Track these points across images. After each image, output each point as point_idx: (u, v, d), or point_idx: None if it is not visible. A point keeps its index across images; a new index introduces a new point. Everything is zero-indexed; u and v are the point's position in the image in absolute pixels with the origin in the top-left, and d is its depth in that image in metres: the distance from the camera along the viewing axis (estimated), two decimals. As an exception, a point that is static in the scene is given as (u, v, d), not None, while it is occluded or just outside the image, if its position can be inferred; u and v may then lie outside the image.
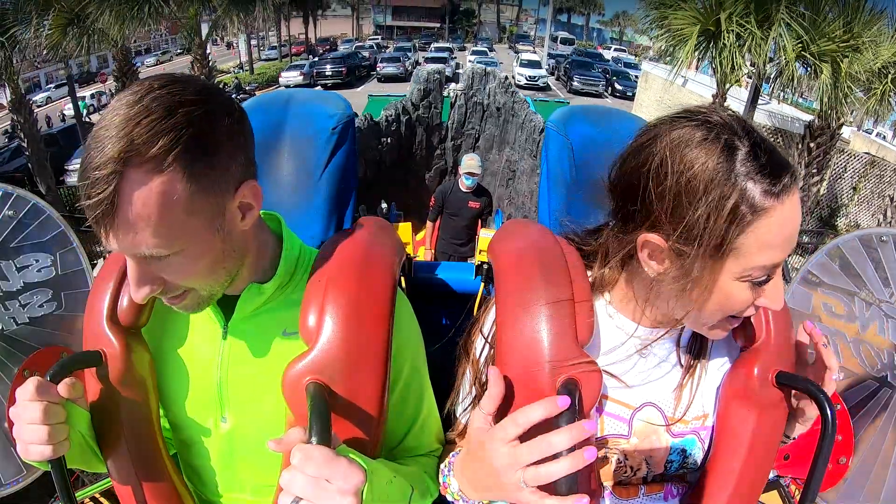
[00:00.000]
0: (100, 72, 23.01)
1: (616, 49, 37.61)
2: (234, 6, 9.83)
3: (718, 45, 6.21)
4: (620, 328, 0.65)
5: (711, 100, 7.28)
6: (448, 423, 0.77)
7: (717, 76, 6.70)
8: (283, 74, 21.23)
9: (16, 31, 6.81)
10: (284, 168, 0.87)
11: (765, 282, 0.54)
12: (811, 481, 0.59)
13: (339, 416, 0.59)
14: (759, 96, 7.53)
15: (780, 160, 0.52)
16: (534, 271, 0.62)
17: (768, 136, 0.53)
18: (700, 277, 0.54)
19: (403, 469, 0.66)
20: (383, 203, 5.03)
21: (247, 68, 23.50)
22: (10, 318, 1.02)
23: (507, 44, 42.48)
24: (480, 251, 3.27)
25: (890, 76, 5.82)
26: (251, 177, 0.59)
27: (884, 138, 12.08)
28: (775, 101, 7.87)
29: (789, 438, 0.69)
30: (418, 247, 4.13)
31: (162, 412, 0.71)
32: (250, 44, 24.45)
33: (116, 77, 8.85)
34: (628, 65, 26.55)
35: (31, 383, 0.57)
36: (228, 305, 0.66)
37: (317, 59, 24.65)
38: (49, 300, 1.05)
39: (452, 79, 16.59)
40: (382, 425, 0.63)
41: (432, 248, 3.97)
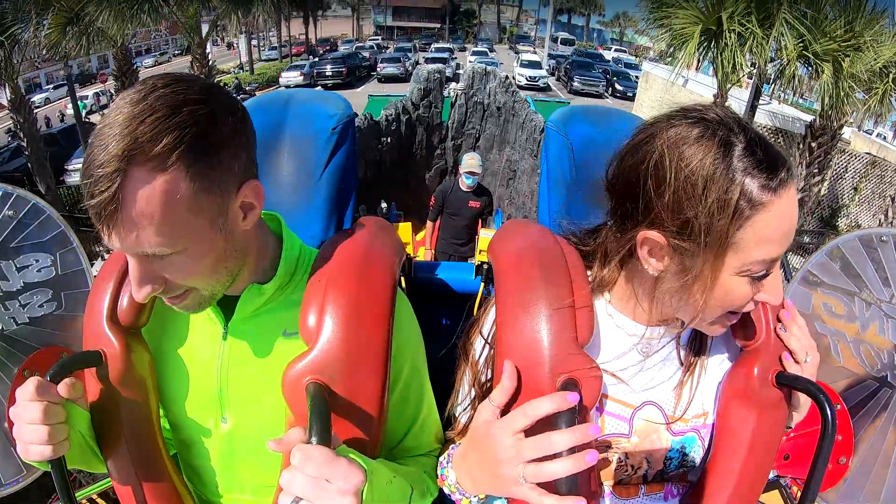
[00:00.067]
0: (100, 72, 23.02)
1: (616, 50, 37.63)
2: (234, 6, 9.83)
3: (720, 45, 6.19)
4: (620, 327, 0.66)
5: (712, 100, 7.28)
6: (448, 425, 0.77)
7: (718, 76, 6.68)
8: (284, 75, 21.25)
9: (15, 31, 6.80)
10: (284, 168, 0.87)
11: (764, 276, 0.55)
12: (811, 481, 0.59)
13: (339, 416, 0.59)
14: (760, 96, 7.52)
15: (775, 155, 0.52)
16: (534, 271, 0.62)
17: (769, 136, 0.53)
18: (700, 273, 0.54)
19: (403, 469, 0.66)
20: (383, 203, 5.02)
21: (247, 69, 23.49)
22: (10, 318, 1.02)
23: (507, 44, 42.45)
24: (480, 251, 3.27)
25: (891, 76, 5.81)
26: (253, 176, 0.59)
27: (884, 139, 12.07)
28: (775, 101, 7.86)
29: (787, 428, 0.69)
30: (418, 246, 4.12)
31: (162, 412, 0.71)
32: (251, 44, 24.45)
33: (116, 77, 8.85)
34: (629, 65, 26.55)
35: (31, 383, 0.57)
36: (229, 306, 0.66)
37: (317, 59, 24.65)
38: (49, 300, 1.05)
39: (453, 79, 16.59)
40: (382, 425, 0.63)
41: (432, 248, 3.96)
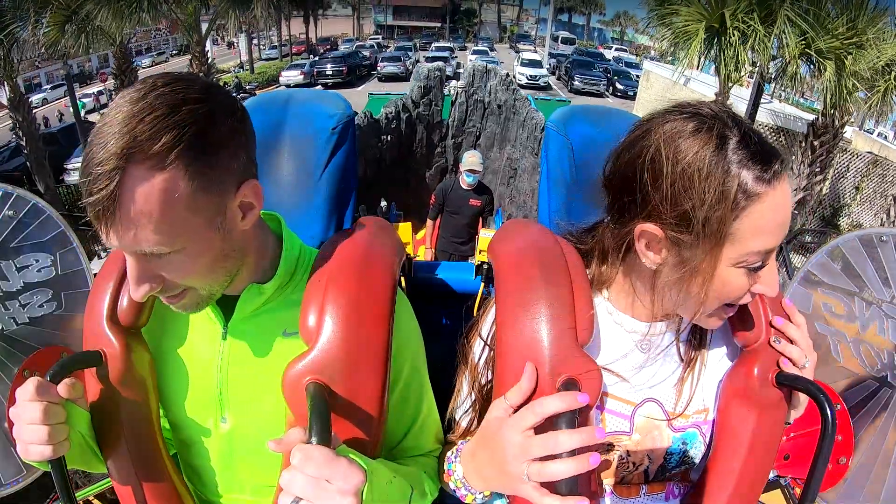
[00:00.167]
0: (100, 71, 23.01)
1: (617, 49, 37.55)
2: (233, 4, 9.81)
3: (723, 43, 6.16)
4: (620, 324, 0.66)
5: (714, 98, 7.23)
6: (449, 427, 0.77)
7: (721, 74, 6.64)
8: (284, 74, 21.24)
9: (14, 29, 6.79)
10: (284, 168, 0.87)
11: (760, 267, 0.56)
12: (811, 481, 0.59)
13: (339, 416, 0.59)
14: (762, 95, 7.49)
15: (769, 148, 0.54)
16: (534, 271, 0.62)
17: (771, 135, 0.54)
18: (697, 265, 0.55)
19: (403, 469, 0.66)
20: (383, 202, 5.01)
21: (247, 68, 23.48)
22: (10, 318, 1.02)
23: (507, 43, 42.40)
24: (480, 251, 3.27)
25: (893, 73, 5.77)
26: (252, 176, 0.59)
27: (885, 138, 12.04)
28: (776, 100, 7.84)
29: (786, 424, 0.70)
30: (418, 245, 4.12)
31: (162, 412, 0.71)
32: (251, 43, 24.43)
33: (115, 75, 8.84)
34: (629, 64, 26.49)
35: (31, 383, 0.57)
36: (228, 305, 0.66)
37: (317, 58, 24.63)
38: (49, 300, 1.05)
39: (453, 78, 16.58)
40: (382, 425, 0.63)
41: (432, 247, 3.96)
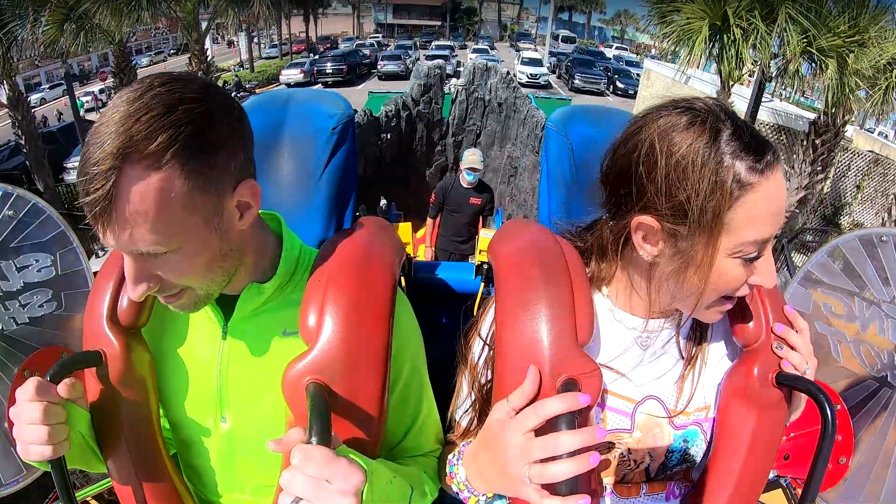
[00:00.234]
0: (100, 70, 22.99)
1: (618, 47, 37.49)
2: (233, 2, 9.79)
3: (725, 41, 6.14)
4: (620, 321, 0.66)
5: (715, 96, 7.21)
6: (449, 427, 0.77)
7: (722, 73, 6.62)
8: (284, 72, 21.22)
9: (13, 27, 6.78)
10: (284, 168, 0.87)
11: (756, 258, 0.56)
12: (811, 481, 0.59)
13: (339, 416, 0.59)
14: (763, 93, 7.47)
15: (761, 140, 0.55)
16: (534, 271, 0.62)
17: (772, 134, 0.54)
18: (694, 256, 0.56)
19: (403, 469, 0.66)
20: (382, 201, 5.01)
21: (247, 66, 23.45)
22: (10, 318, 1.02)
23: (508, 42, 42.30)
24: (480, 251, 3.27)
25: (894, 72, 5.77)
26: (250, 176, 0.59)
27: (886, 137, 12.03)
28: (777, 99, 7.82)
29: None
30: (418, 244, 4.11)
31: (162, 412, 0.71)
32: (251, 42, 24.39)
33: (114, 74, 8.84)
34: (630, 63, 26.46)
35: (31, 383, 0.57)
36: (228, 305, 0.66)
37: (317, 57, 24.61)
38: (49, 300, 1.05)
39: (453, 76, 16.57)
40: (382, 425, 0.63)
41: (433, 246, 3.96)
